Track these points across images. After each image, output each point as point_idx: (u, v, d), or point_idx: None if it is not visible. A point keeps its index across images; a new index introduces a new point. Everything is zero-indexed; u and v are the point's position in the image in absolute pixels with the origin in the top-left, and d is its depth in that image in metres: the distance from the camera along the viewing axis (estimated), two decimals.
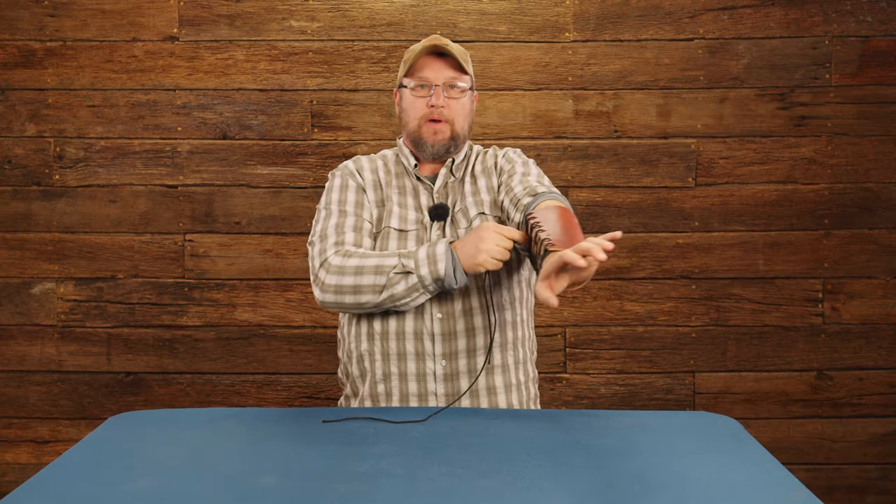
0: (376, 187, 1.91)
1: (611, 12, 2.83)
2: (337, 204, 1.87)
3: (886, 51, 2.83)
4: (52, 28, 2.82)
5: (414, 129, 1.89)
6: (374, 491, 1.27)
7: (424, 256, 1.71)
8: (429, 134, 1.87)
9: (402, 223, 1.86)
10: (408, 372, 1.80)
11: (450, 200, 1.90)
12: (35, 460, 2.85)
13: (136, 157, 2.83)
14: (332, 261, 1.76)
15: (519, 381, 1.90)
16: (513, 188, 1.84)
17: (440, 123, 1.86)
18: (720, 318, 2.86)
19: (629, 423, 1.63)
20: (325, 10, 2.83)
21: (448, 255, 1.70)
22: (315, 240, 1.83)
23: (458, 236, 1.84)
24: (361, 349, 1.85)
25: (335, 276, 1.74)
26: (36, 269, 2.84)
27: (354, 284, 1.73)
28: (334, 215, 1.85)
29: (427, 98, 1.86)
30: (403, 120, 1.92)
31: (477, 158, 1.97)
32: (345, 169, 1.94)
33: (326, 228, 1.82)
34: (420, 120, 1.87)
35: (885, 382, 2.86)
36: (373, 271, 1.72)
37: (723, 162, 2.84)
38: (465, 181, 1.93)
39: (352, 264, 1.74)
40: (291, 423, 1.63)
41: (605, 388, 2.87)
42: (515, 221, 1.78)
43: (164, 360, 2.85)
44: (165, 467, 1.39)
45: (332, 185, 1.91)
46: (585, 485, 1.30)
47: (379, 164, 1.96)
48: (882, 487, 2.87)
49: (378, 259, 1.74)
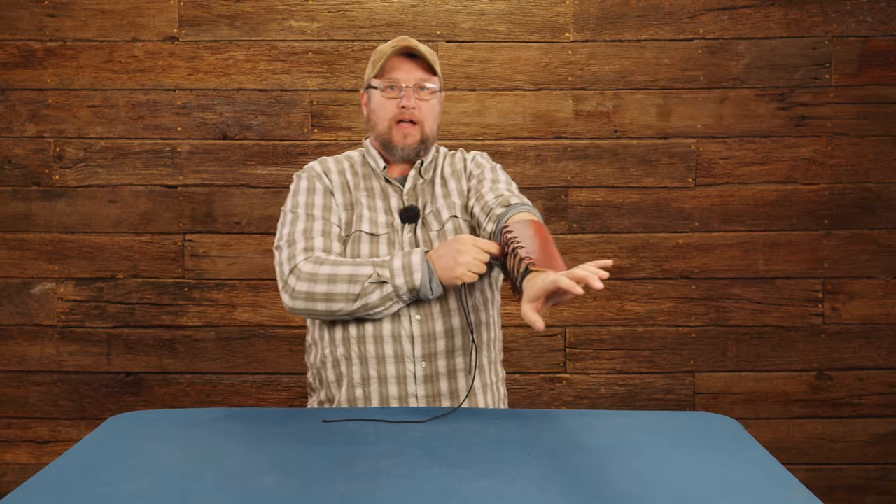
0: (344, 190, 1.89)
1: (611, 12, 2.83)
2: (304, 207, 1.85)
3: (886, 51, 2.83)
4: (52, 28, 2.82)
5: (384, 131, 1.87)
6: (374, 491, 1.27)
7: (400, 266, 1.71)
8: (399, 137, 1.86)
9: (372, 227, 1.84)
10: (387, 375, 1.80)
11: (420, 202, 1.89)
12: (35, 460, 2.85)
13: (136, 157, 2.84)
14: (303, 267, 1.75)
15: (491, 382, 1.92)
16: (483, 196, 1.84)
17: (411, 126, 1.85)
18: (720, 318, 2.86)
19: (629, 423, 1.63)
20: (325, 10, 2.83)
21: (424, 265, 1.70)
22: (282, 244, 1.81)
23: (429, 238, 1.84)
24: (338, 354, 1.84)
25: (306, 283, 1.73)
26: (36, 269, 2.84)
27: (327, 292, 1.72)
28: (301, 219, 1.83)
29: (397, 99, 1.84)
30: (372, 121, 1.89)
31: (445, 160, 1.96)
32: (311, 170, 1.91)
33: (294, 233, 1.81)
34: (390, 121, 1.85)
35: (885, 382, 2.86)
36: (347, 280, 1.72)
37: (723, 162, 2.84)
38: (434, 183, 1.92)
39: (324, 272, 1.73)
40: (291, 423, 1.63)
41: (605, 388, 2.87)
42: (488, 231, 1.78)
43: (164, 360, 2.85)
44: (165, 467, 1.39)
45: (299, 187, 1.89)
46: (585, 485, 1.30)
47: (346, 165, 1.94)
48: (882, 487, 2.87)
49: (352, 267, 1.73)
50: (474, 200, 1.87)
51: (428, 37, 2.82)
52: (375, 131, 1.89)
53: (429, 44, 2.83)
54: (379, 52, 1.88)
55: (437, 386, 1.81)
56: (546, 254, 1.58)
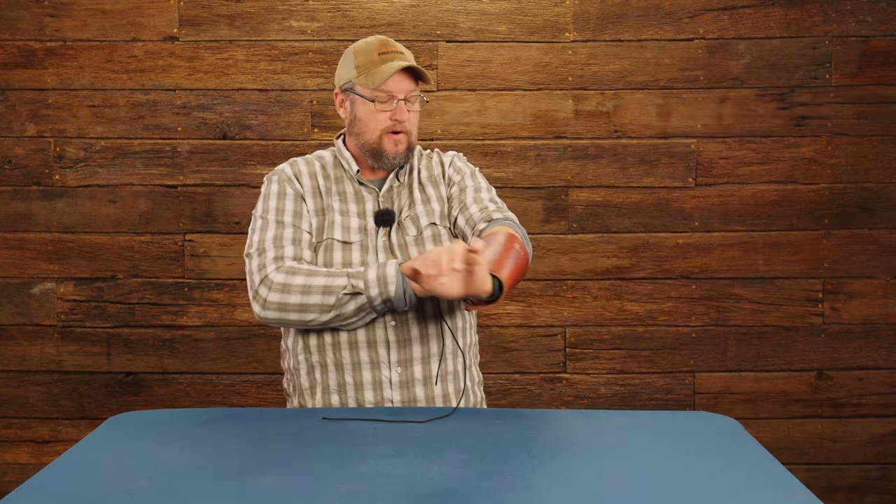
0: (315, 195, 1.86)
1: (611, 12, 2.83)
2: (274, 213, 1.82)
3: (886, 51, 2.83)
4: (52, 28, 2.82)
5: (373, 141, 1.83)
6: (374, 491, 1.27)
7: (374, 278, 1.70)
8: (391, 146, 1.83)
9: (345, 234, 1.82)
10: (363, 381, 1.79)
11: (395, 206, 1.87)
12: (35, 460, 2.85)
13: (136, 157, 2.84)
14: (275, 277, 1.73)
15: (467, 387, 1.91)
16: (468, 207, 1.86)
17: (400, 135, 1.83)
18: (720, 318, 2.86)
19: (629, 423, 1.63)
20: (325, 10, 2.83)
21: (399, 276, 1.69)
22: (252, 252, 1.79)
23: (405, 243, 1.83)
24: (312, 360, 1.83)
25: (278, 293, 1.71)
26: (36, 269, 2.84)
27: (301, 303, 1.71)
28: (272, 226, 1.80)
29: (389, 112, 1.81)
30: (357, 128, 1.85)
31: (421, 162, 1.94)
32: (282, 174, 1.87)
33: (264, 241, 1.78)
34: (381, 132, 1.82)
35: (885, 382, 2.86)
36: (321, 291, 1.70)
37: (723, 162, 2.84)
38: (412, 188, 1.90)
39: (297, 282, 1.71)
40: (291, 423, 1.63)
41: (605, 388, 2.87)
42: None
43: (164, 360, 2.85)
44: (165, 467, 1.39)
45: (269, 191, 1.86)
46: (585, 485, 1.30)
47: (317, 167, 1.90)
48: (882, 487, 2.87)
49: (326, 278, 1.71)
50: (458, 211, 1.88)
51: (428, 37, 2.82)
52: (361, 139, 1.85)
53: (429, 44, 2.83)
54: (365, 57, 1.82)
55: (412, 391, 1.81)
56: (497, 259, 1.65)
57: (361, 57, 1.83)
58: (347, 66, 1.85)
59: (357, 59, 1.83)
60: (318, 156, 1.94)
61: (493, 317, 2.86)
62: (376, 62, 1.80)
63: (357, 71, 1.82)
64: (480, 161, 2.83)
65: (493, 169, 2.83)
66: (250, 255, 1.79)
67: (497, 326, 2.86)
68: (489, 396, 2.86)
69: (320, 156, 1.94)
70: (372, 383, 1.79)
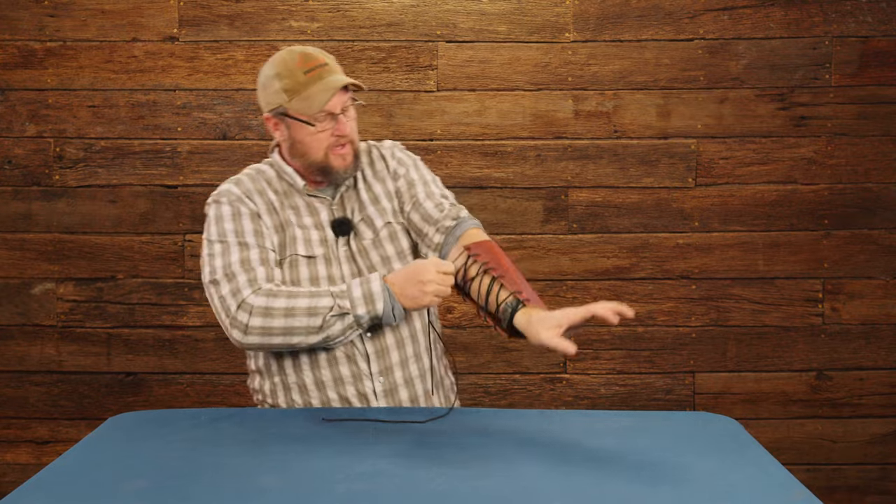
0: (271, 211, 1.79)
1: (611, 12, 2.83)
2: (234, 235, 1.73)
3: (886, 51, 2.83)
4: (52, 28, 2.82)
5: (320, 160, 1.77)
6: (374, 491, 1.27)
7: (360, 295, 1.67)
8: (339, 161, 1.77)
9: (308, 248, 1.78)
10: (348, 395, 1.78)
11: (348, 210, 1.84)
12: (35, 460, 2.85)
13: (136, 157, 2.84)
14: (254, 301, 1.66)
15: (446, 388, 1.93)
16: (421, 203, 1.84)
17: (346, 148, 1.78)
18: (720, 319, 2.86)
19: (629, 423, 1.63)
20: (325, 10, 2.83)
21: (385, 293, 1.67)
22: (219, 278, 1.70)
23: (364, 248, 1.81)
24: (289, 382, 1.79)
25: (260, 318, 1.65)
26: (36, 269, 2.84)
27: (285, 327, 1.66)
28: (234, 248, 1.72)
29: (331, 129, 1.75)
30: (299, 151, 1.78)
31: (362, 161, 1.90)
32: (230, 194, 1.78)
33: (231, 265, 1.70)
34: (326, 150, 1.76)
35: (885, 382, 2.86)
36: (305, 313, 1.66)
37: (723, 162, 2.84)
38: (358, 188, 1.87)
39: (279, 305, 1.66)
40: (291, 423, 1.63)
41: (605, 389, 2.87)
42: (435, 241, 1.81)
43: (164, 360, 2.85)
44: (166, 467, 1.39)
45: (220, 213, 1.76)
46: (585, 485, 1.30)
47: (263, 184, 1.82)
48: (882, 487, 2.87)
49: (309, 299, 1.66)
50: (411, 207, 1.85)
51: (428, 37, 2.82)
52: (306, 160, 1.78)
53: (429, 44, 2.83)
54: (291, 79, 1.73)
55: (397, 397, 1.81)
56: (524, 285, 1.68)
57: (287, 80, 1.74)
58: (272, 91, 1.76)
59: (282, 82, 1.75)
60: (259, 170, 1.86)
61: None
62: (305, 83, 1.73)
63: (287, 95, 1.74)
64: (480, 161, 2.83)
65: (493, 169, 2.83)
66: (216, 281, 1.70)
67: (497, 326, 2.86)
68: (489, 396, 2.86)
69: (261, 170, 1.86)
70: (357, 396, 1.78)
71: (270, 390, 1.82)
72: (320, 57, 1.77)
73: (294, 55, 1.76)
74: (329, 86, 1.72)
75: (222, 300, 1.69)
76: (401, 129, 2.82)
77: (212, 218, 1.77)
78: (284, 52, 1.79)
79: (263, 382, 1.84)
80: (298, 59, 1.75)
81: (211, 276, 1.71)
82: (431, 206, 1.85)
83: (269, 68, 1.78)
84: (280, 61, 1.76)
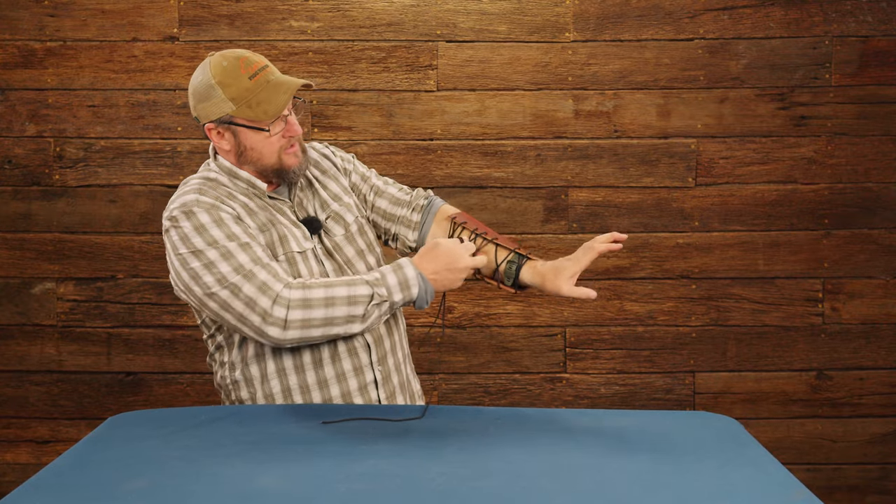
0: (250, 212, 1.74)
1: (611, 12, 2.83)
2: (228, 239, 1.65)
3: (886, 51, 2.83)
4: (52, 28, 2.82)
5: (274, 163, 1.74)
6: (374, 491, 1.27)
7: (396, 283, 1.67)
8: (291, 160, 1.75)
9: (299, 244, 1.77)
10: (350, 390, 1.78)
11: (310, 210, 1.83)
12: (35, 460, 2.85)
13: (136, 157, 2.84)
14: (290, 294, 1.62)
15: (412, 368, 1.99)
16: (383, 189, 1.93)
17: (295, 146, 1.77)
18: (720, 318, 2.86)
19: (629, 423, 1.63)
20: (325, 10, 2.83)
21: (419, 278, 1.68)
22: (236, 281, 1.62)
23: (337, 245, 1.82)
24: (289, 384, 1.76)
25: (300, 310, 1.61)
26: (36, 269, 2.84)
27: (326, 317, 1.63)
28: (238, 251, 1.65)
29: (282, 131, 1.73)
30: (251, 157, 1.74)
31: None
32: (201, 203, 1.69)
33: (242, 266, 1.63)
34: (279, 152, 1.74)
35: (885, 382, 2.86)
36: (346, 302, 1.63)
37: (723, 162, 2.84)
38: (314, 188, 1.86)
39: (318, 296, 1.63)
40: (291, 423, 1.63)
41: (605, 388, 2.87)
42: (413, 220, 1.90)
43: (164, 360, 2.85)
44: (165, 467, 1.39)
45: (200, 222, 1.67)
46: (585, 485, 1.30)
47: (223, 191, 1.75)
48: (882, 487, 2.87)
49: (347, 288, 1.65)
50: (374, 196, 1.93)
51: (428, 37, 2.82)
52: (259, 164, 1.75)
53: (429, 44, 2.83)
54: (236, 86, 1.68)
55: (390, 384, 1.84)
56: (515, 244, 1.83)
57: (232, 88, 1.69)
58: (215, 100, 1.70)
59: (226, 90, 1.69)
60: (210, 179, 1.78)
61: (493, 317, 2.86)
62: (253, 89, 1.69)
63: (234, 104, 1.69)
64: (480, 161, 2.83)
65: (493, 169, 2.83)
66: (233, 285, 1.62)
67: (497, 326, 2.86)
68: (489, 396, 2.86)
69: (212, 179, 1.78)
70: (359, 389, 1.79)
71: (264, 398, 1.79)
72: (258, 59, 1.73)
73: (233, 61, 1.70)
74: (282, 89, 1.70)
75: (249, 302, 1.61)
76: (401, 129, 2.83)
77: (189, 229, 1.67)
78: (218, 57, 1.72)
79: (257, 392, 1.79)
80: (240, 65, 1.69)
81: (221, 284, 1.63)
82: (396, 190, 1.94)
83: (204, 77, 1.71)
84: (218, 69, 1.70)
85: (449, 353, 2.86)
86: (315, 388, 1.77)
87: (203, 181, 1.77)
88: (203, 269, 1.65)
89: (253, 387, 1.79)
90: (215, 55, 1.74)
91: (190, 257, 1.66)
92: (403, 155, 2.82)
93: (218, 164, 1.79)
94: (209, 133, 1.75)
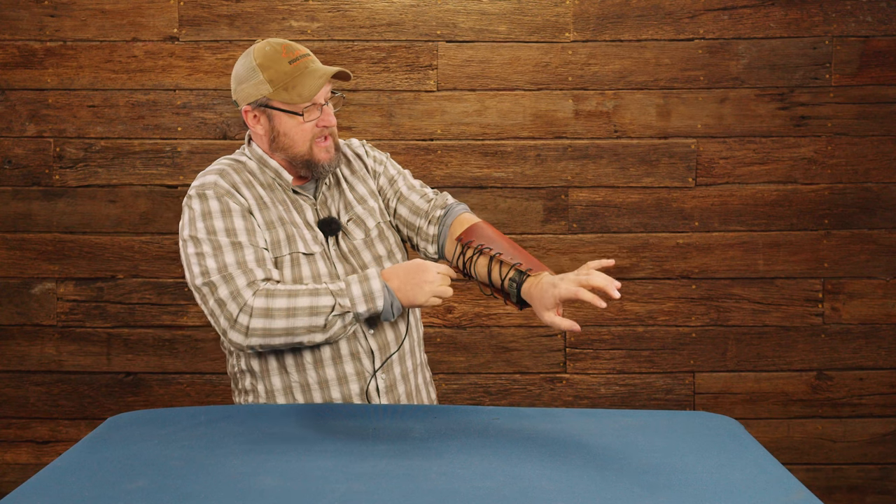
0: (261, 206, 1.75)
1: (611, 12, 2.83)
2: (225, 234, 1.68)
3: (886, 51, 2.83)
4: (52, 28, 2.82)
5: (304, 153, 1.75)
6: (374, 491, 1.27)
7: (360, 294, 1.66)
8: (322, 154, 1.76)
9: (306, 246, 1.76)
10: (351, 394, 1.78)
11: (333, 211, 1.83)
12: (35, 460, 2.85)
13: (136, 157, 2.84)
14: (254, 303, 1.63)
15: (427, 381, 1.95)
16: (407, 197, 1.87)
17: (328, 140, 1.77)
18: (720, 318, 2.86)
19: (629, 423, 1.63)
20: (325, 10, 2.83)
21: (384, 290, 1.67)
22: (215, 280, 1.65)
23: (354, 248, 1.80)
24: (290, 381, 1.77)
25: (262, 319, 1.63)
26: (36, 269, 2.84)
27: (287, 327, 1.64)
28: (228, 248, 1.67)
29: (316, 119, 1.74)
30: (283, 143, 1.75)
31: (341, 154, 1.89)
32: (218, 188, 1.72)
33: (227, 266, 1.66)
34: (311, 142, 1.75)
35: (885, 382, 2.86)
36: (307, 313, 1.64)
37: (723, 162, 2.84)
38: (342, 188, 1.86)
39: (280, 306, 1.63)
40: (291, 423, 1.63)
41: (605, 388, 2.87)
42: (430, 233, 1.84)
43: (164, 360, 2.85)
44: (165, 467, 1.39)
45: (208, 208, 1.70)
46: (585, 485, 1.30)
47: (248, 176, 1.78)
48: (882, 487, 2.87)
49: (310, 298, 1.64)
50: (396, 201, 1.88)
51: (428, 37, 2.82)
52: (290, 152, 1.76)
53: (429, 44, 2.83)
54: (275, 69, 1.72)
55: (396, 392, 1.82)
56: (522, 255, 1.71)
57: (272, 71, 1.72)
58: (254, 82, 1.74)
59: (266, 73, 1.73)
60: (240, 162, 1.81)
61: (493, 317, 2.86)
62: (291, 73, 1.72)
63: (271, 86, 1.73)
64: (480, 161, 2.83)
65: (493, 169, 2.83)
66: (212, 283, 1.66)
67: (497, 326, 2.86)
68: (489, 396, 2.86)
69: (242, 162, 1.81)
70: (359, 394, 1.78)
71: (266, 393, 1.80)
72: (301, 48, 1.77)
73: (276, 46, 1.75)
74: (318, 74, 1.73)
75: (220, 303, 1.65)
76: (401, 129, 2.83)
77: (197, 212, 1.71)
78: (263, 43, 1.77)
79: (262, 384, 1.81)
80: (282, 50, 1.74)
81: (204, 278, 1.67)
82: (417, 198, 1.88)
83: (248, 60, 1.76)
84: (262, 52, 1.75)
85: (449, 353, 2.86)
86: (316, 387, 1.77)
87: (231, 162, 1.81)
88: (195, 257, 1.69)
89: (256, 379, 1.81)
90: (260, 42, 1.79)
91: (189, 241, 1.71)
92: (403, 155, 2.82)
93: (251, 150, 1.82)
94: (245, 116, 1.79)
